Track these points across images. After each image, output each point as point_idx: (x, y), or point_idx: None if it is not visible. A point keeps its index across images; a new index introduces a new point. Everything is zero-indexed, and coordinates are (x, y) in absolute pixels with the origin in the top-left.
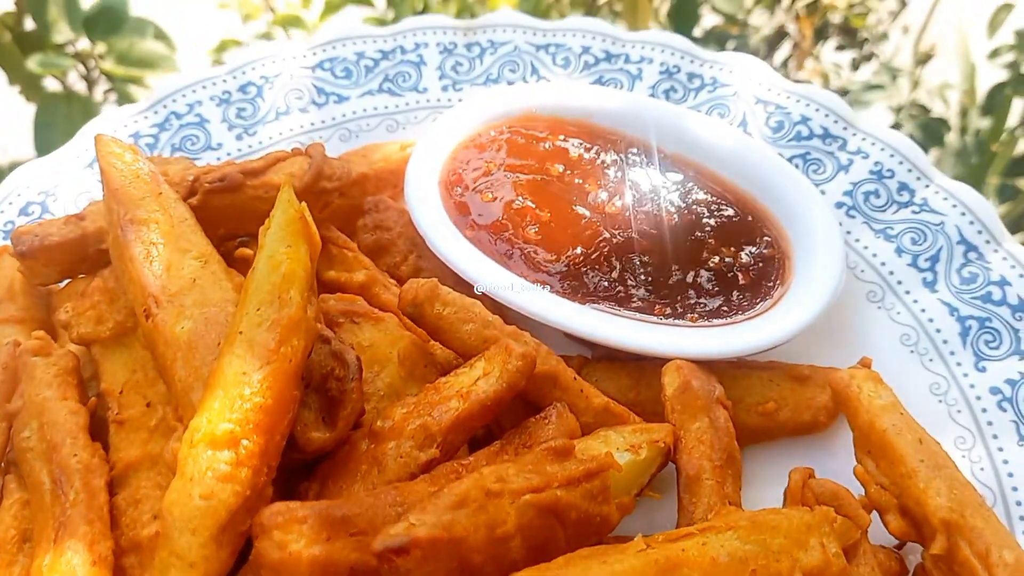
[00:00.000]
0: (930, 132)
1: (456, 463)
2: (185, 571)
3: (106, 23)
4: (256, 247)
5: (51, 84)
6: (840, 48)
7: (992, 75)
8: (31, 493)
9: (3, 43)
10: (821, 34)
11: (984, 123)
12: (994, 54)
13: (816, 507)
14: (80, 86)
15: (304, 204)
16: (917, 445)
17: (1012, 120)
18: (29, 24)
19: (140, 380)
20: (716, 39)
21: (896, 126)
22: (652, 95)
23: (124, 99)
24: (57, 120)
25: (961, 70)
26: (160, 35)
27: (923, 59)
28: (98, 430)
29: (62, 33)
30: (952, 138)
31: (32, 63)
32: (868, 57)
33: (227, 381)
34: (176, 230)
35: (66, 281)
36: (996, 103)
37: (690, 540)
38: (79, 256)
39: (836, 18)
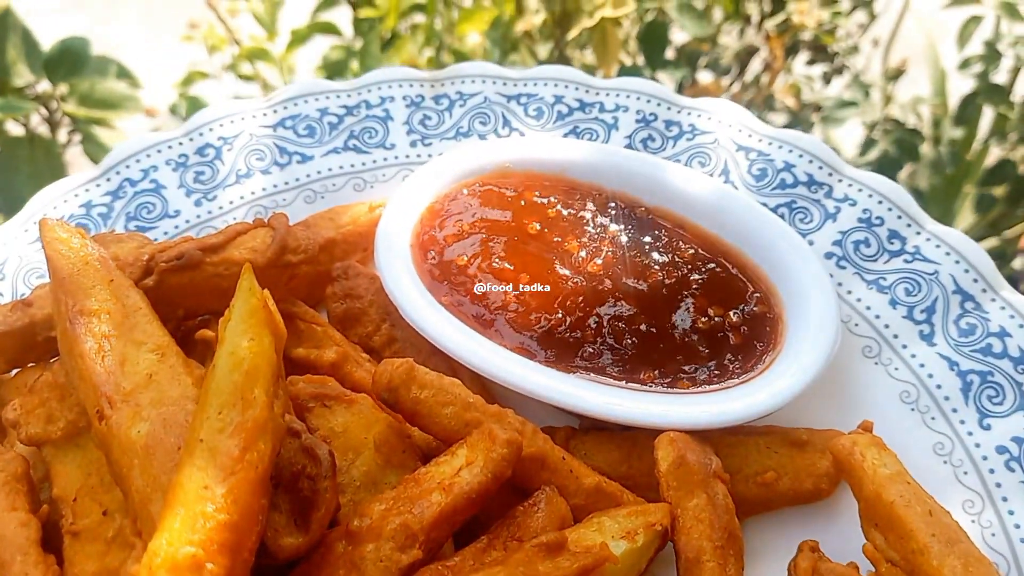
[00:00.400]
0: (905, 147)
1: (441, 565)
2: None
3: (67, 64)
4: (218, 326)
5: (13, 128)
6: (811, 62)
7: (963, 86)
8: None
9: None
10: (792, 50)
11: (957, 133)
12: (964, 64)
13: None
14: (43, 129)
15: (267, 291)
16: (927, 518)
17: (984, 129)
18: None
19: (95, 485)
20: (687, 57)
21: (871, 142)
22: (629, 144)
23: (88, 141)
24: (20, 164)
25: (932, 79)
26: (123, 73)
27: (894, 75)
28: (51, 536)
29: (22, 76)
30: (926, 149)
31: None
32: (839, 70)
33: (188, 497)
34: (129, 321)
35: (15, 371)
36: (968, 113)
37: None
38: (27, 345)
39: (806, 35)
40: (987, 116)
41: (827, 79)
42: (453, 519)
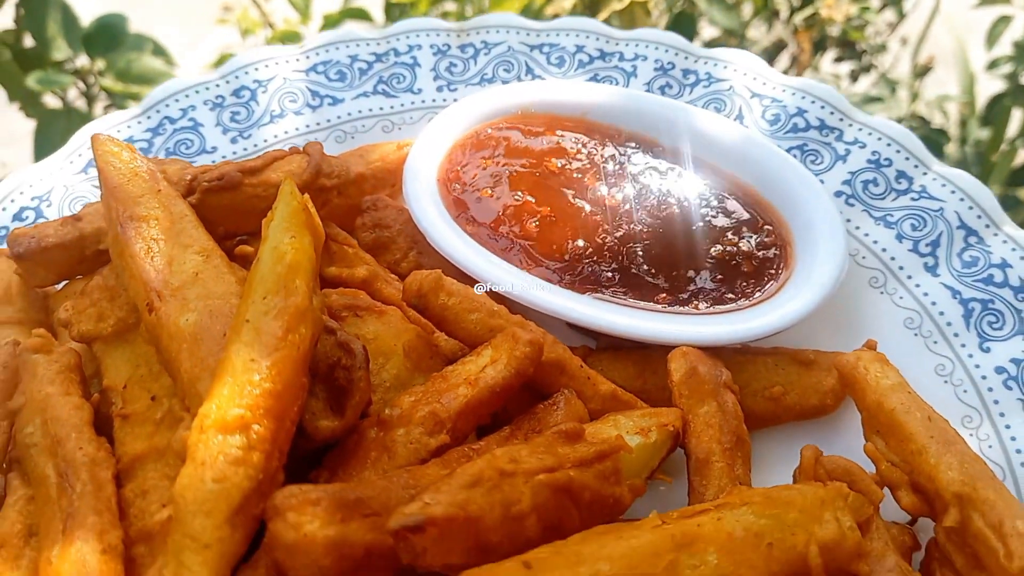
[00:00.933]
0: (930, 144)
1: (467, 447)
2: (200, 552)
3: (105, 40)
4: (256, 245)
5: (51, 100)
6: (839, 60)
7: (991, 86)
8: (36, 488)
9: (3, 61)
10: (820, 46)
11: (983, 134)
12: (992, 65)
13: (829, 483)
14: (80, 103)
15: (307, 195)
16: (926, 422)
17: (1011, 131)
18: (28, 41)
19: (144, 375)
20: None
21: None
22: (648, 92)
23: None
24: (57, 136)
25: (960, 80)
26: (159, 51)
27: (921, 72)
28: (102, 426)
29: (61, 50)
30: (952, 149)
31: (31, 81)
32: (867, 68)
33: (235, 368)
34: (176, 226)
35: (63, 283)
36: (995, 114)
37: (706, 516)
38: (77, 257)
39: (835, 30)
40: (1016, 118)
41: (854, 77)
42: (478, 410)
